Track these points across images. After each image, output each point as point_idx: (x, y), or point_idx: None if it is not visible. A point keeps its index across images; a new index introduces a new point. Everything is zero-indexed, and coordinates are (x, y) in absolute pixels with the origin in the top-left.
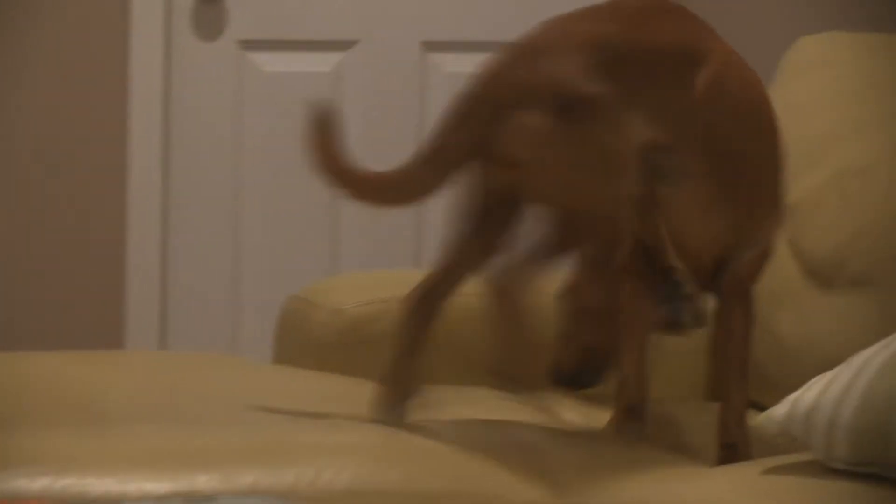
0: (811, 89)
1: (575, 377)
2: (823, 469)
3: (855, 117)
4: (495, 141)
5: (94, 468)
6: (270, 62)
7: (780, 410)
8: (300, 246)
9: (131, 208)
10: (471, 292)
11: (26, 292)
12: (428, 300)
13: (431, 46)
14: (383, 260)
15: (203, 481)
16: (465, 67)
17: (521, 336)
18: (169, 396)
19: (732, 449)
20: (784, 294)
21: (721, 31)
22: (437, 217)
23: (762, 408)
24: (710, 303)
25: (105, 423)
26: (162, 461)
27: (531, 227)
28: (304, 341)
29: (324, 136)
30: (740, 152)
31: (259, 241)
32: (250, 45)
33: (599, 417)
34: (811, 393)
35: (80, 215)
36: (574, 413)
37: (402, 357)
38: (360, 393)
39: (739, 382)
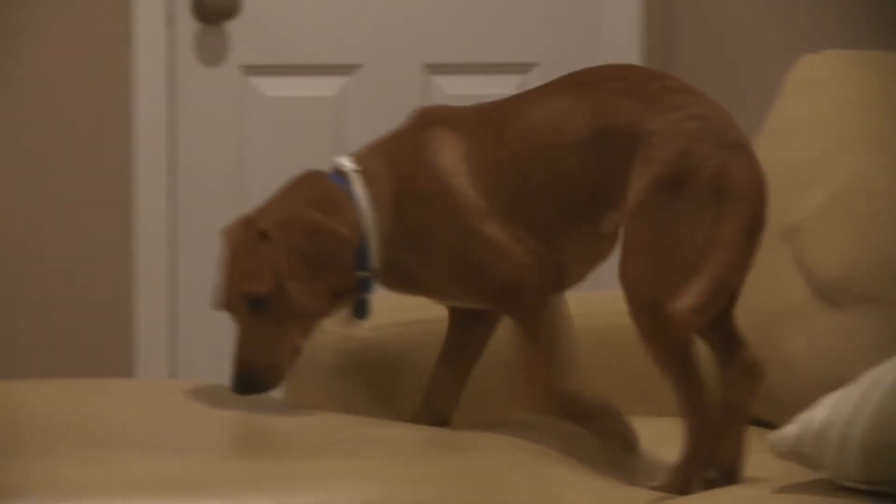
0: (814, 107)
1: (240, 382)
2: (835, 488)
3: (857, 134)
4: None
5: (103, 496)
6: (273, 87)
7: (790, 430)
8: None
9: (138, 234)
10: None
11: (36, 321)
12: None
13: (434, 69)
14: None
15: None
16: (467, 89)
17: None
18: (177, 424)
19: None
20: (792, 313)
21: (725, 51)
22: None
23: (772, 427)
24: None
25: (115, 450)
26: (173, 489)
27: None
28: (315, 366)
29: None
30: None
31: None
32: (253, 70)
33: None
34: (822, 411)
35: (87, 243)
36: None
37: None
38: (361, 420)
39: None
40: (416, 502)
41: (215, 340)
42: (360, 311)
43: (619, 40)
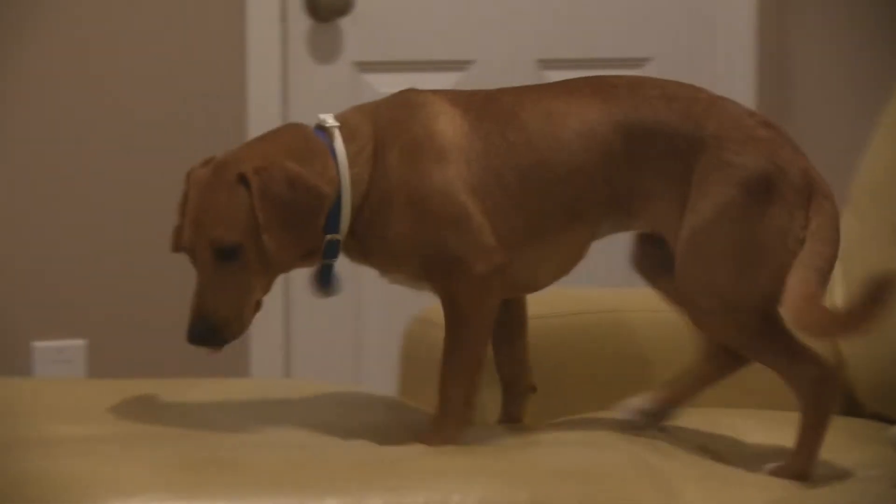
0: None
1: (198, 333)
2: None
3: None
4: None
5: (219, 493)
6: (386, 83)
7: None
8: None
9: None
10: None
11: (149, 320)
12: None
13: (547, 64)
14: None
15: None
16: None
17: None
18: (289, 423)
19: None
20: None
21: (840, 43)
22: None
23: (891, 421)
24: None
25: (228, 448)
26: (291, 484)
27: None
28: (429, 362)
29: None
30: None
31: None
32: (366, 66)
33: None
34: None
35: None
36: None
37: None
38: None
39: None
40: (532, 499)
41: (328, 340)
42: (325, 279)
43: (734, 32)
